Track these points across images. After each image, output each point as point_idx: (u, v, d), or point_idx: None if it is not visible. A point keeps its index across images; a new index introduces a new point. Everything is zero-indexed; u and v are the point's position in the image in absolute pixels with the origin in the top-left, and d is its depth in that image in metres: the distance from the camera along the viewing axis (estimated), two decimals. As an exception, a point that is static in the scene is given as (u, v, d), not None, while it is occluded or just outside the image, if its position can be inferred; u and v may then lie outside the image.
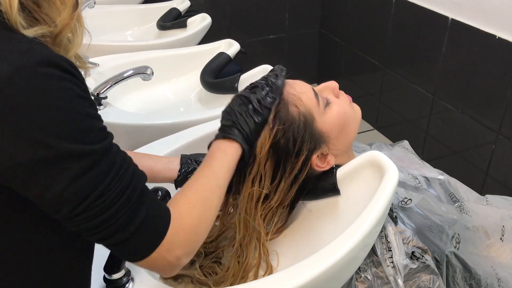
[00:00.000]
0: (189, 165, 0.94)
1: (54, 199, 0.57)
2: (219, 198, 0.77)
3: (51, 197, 0.57)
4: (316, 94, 0.91)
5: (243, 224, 0.91)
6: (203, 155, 0.96)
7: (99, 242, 0.62)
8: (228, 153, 0.80)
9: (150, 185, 0.91)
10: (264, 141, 0.85)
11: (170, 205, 0.68)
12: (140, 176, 0.65)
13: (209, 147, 0.83)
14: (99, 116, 0.61)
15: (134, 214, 0.61)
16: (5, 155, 0.54)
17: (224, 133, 0.81)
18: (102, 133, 0.61)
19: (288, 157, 0.87)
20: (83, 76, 0.63)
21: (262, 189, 0.88)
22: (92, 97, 1.31)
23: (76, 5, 0.63)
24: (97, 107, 1.33)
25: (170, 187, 0.91)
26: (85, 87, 0.60)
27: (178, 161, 0.95)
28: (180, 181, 0.94)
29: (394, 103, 2.47)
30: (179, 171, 0.93)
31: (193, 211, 0.70)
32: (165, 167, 0.93)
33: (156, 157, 0.97)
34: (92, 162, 0.57)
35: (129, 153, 0.91)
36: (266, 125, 0.85)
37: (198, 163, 0.94)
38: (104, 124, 0.62)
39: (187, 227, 0.67)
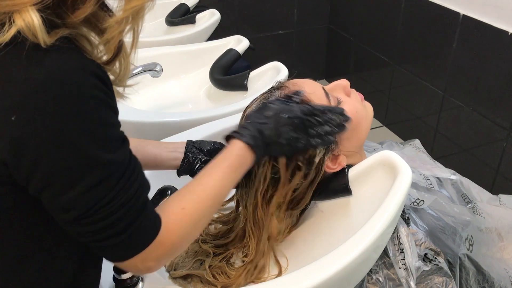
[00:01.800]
0: (194, 154, 0.92)
1: (65, 203, 0.58)
2: (216, 208, 0.76)
3: (63, 201, 0.57)
4: (326, 94, 0.89)
5: (254, 227, 0.90)
6: (209, 142, 0.95)
7: (87, 243, 0.63)
8: (246, 169, 0.78)
9: (159, 184, 0.92)
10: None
11: (164, 212, 0.68)
12: (144, 187, 0.65)
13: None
14: (119, 124, 0.62)
15: (130, 224, 0.62)
16: (30, 153, 0.55)
17: (255, 145, 0.77)
18: (120, 141, 0.62)
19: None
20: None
21: (271, 196, 0.88)
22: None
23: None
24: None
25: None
26: (112, 95, 0.61)
27: (183, 148, 0.93)
28: (181, 171, 0.93)
29: (403, 99, 2.45)
30: (182, 160, 0.92)
31: (182, 230, 0.69)
32: (170, 156, 0.92)
33: (161, 144, 0.95)
34: (108, 172, 0.59)
35: (135, 140, 0.91)
36: None
37: (203, 152, 0.93)
38: (122, 131, 0.63)
39: (169, 245, 0.67)
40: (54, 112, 0.54)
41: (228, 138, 0.80)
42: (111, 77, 0.65)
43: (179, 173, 0.93)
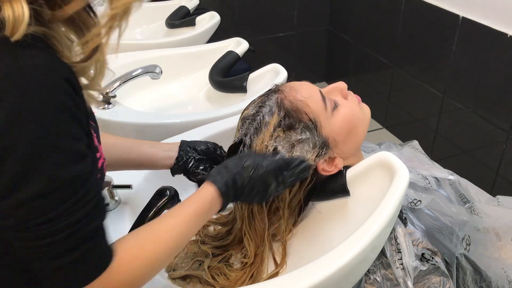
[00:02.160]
0: (188, 153, 0.93)
1: (4, 209, 0.54)
2: (175, 253, 0.72)
3: (2, 205, 0.54)
4: (323, 97, 0.90)
5: (251, 231, 0.91)
6: (203, 142, 0.97)
7: (28, 262, 0.58)
8: (212, 214, 0.76)
9: (158, 184, 0.92)
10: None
11: (119, 247, 0.63)
12: (98, 214, 0.60)
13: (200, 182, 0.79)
14: (83, 137, 0.58)
15: (71, 250, 0.57)
16: None
17: (225, 192, 0.75)
18: (79, 157, 0.57)
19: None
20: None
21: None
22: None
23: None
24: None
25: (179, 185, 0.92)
26: (82, 105, 0.57)
27: (177, 147, 0.94)
28: (175, 170, 0.93)
29: (403, 102, 2.46)
30: (176, 159, 0.92)
31: (134, 270, 0.64)
32: (165, 155, 0.93)
33: (156, 144, 0.96)
34: (54, 187, 0.54)
35: (130, 141, 0.92)
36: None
37: (197, 151, 0.94)
38: (84, 145, 0.58)
39: (116, 284, 0.62)
40: (12, 109, 0.51)
41: (201, 181, 0.78)
42: (85, 81, 0.62)
43: (173, 172, 0.94)
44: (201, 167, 0.93)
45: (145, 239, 0.66)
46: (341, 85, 0.95)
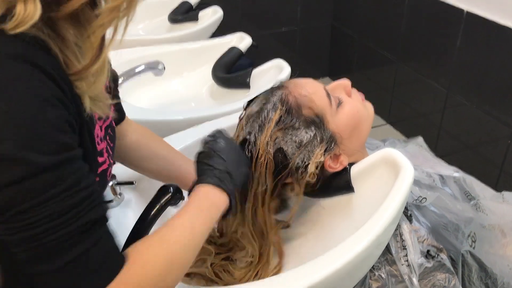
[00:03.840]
0: None
1: None
2: (191, 258, 0.67)
3: None
4: (328, 94, 0.89)
5: (255, 231, 0.90)
6: None
7: (28, 269, 0.53)
8: (219, 208, 0.73)
9: (158, 182, 0.91)
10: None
11: (131, 251, 0.60)
12: (91, 207, 0.55)
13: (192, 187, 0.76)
14: (67, 130, 0.54)
15: (68, 245, 0.52)
16: None
17: (219, 182, 0.74)
18: (60, 147, 0.52)
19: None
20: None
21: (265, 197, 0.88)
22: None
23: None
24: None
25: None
26: (64, 94, 0.54)
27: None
28: None
29: (407, 97, 2.45)
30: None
31: (153, 272, 0.59)
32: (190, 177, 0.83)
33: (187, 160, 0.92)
34: (28, 173, 0.50)
35: (179, 158, 0.92)
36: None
37: None
38: (71, 140, 0.54)
39: (136, 283, 0.57)
40: None
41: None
42: (83, 86, 0.57)
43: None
44: None
45: (154, 241, 0.63)
46: (345, 82, 0.94)
